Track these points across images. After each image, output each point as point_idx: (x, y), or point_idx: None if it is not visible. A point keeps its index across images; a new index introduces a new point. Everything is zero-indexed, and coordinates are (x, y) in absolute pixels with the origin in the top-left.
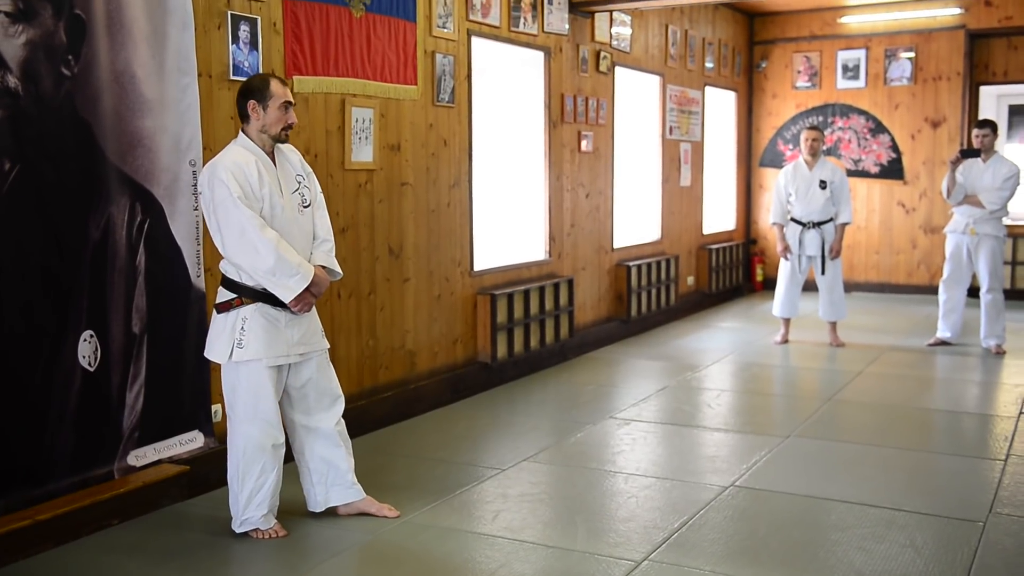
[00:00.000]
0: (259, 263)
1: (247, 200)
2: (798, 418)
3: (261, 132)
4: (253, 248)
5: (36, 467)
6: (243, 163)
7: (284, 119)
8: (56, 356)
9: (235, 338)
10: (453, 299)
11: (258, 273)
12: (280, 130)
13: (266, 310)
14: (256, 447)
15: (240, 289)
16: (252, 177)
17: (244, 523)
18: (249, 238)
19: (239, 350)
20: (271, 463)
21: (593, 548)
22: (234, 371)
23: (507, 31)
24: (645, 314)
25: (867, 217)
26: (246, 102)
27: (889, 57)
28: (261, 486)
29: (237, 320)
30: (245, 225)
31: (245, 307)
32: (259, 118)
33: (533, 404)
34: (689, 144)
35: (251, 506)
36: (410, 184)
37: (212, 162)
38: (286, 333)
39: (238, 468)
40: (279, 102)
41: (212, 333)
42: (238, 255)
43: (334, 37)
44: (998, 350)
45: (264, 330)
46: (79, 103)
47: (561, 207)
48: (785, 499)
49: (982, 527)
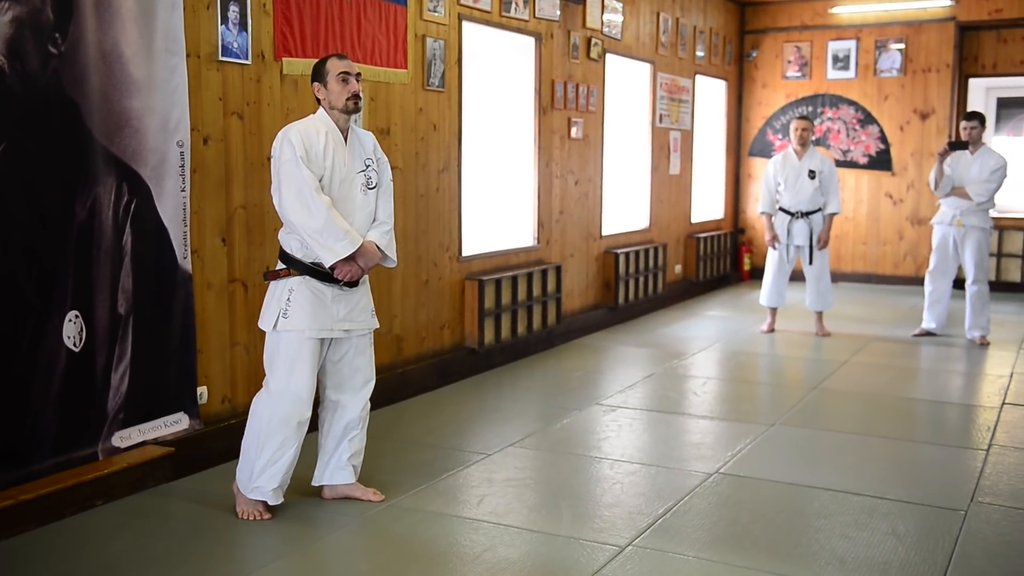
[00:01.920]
0: (309, 222)
1: (309, 163)
2: (783, 406)
3: (331, 109)
4: (306, 207)
5: (20, 447)
6: (313, 131)
7: (345, 90)
8: (41, 336)
9: (281, 308)
10: (441, 284)
11: (307, 232)
12: (345, 100)
13: (313, 284)
14: (281, 420)
15: (291, 262)
16: (319, 145)
17: (255, 490)
18: (304, 197)
19: (283, 320)
20: (292, 439)
21: (578, 533)
22: (276, 340)
23: (498, 16)
24: (632, 302)
25: (855, 208)
26: (313, 86)
27: (879, 48)
28: (277, 459)
29: (284, 290)
30: (302, 184)
31: (292, 278)
32: (324, 96)
33: (520, 390)
34: (679, 132)
35: (264, 475)
36: (399, 168)
37: (286, 127)
38: (332, 308)
39: (258, 435)
40: (335, 74)
41: (265, 302)
42: (291, 210)
43: (324, 19)
44: (982, 341)
45: (309, 302)
46: (66, 82)
47: (550, 194)
48: (769, 486)
49: (963, 516)
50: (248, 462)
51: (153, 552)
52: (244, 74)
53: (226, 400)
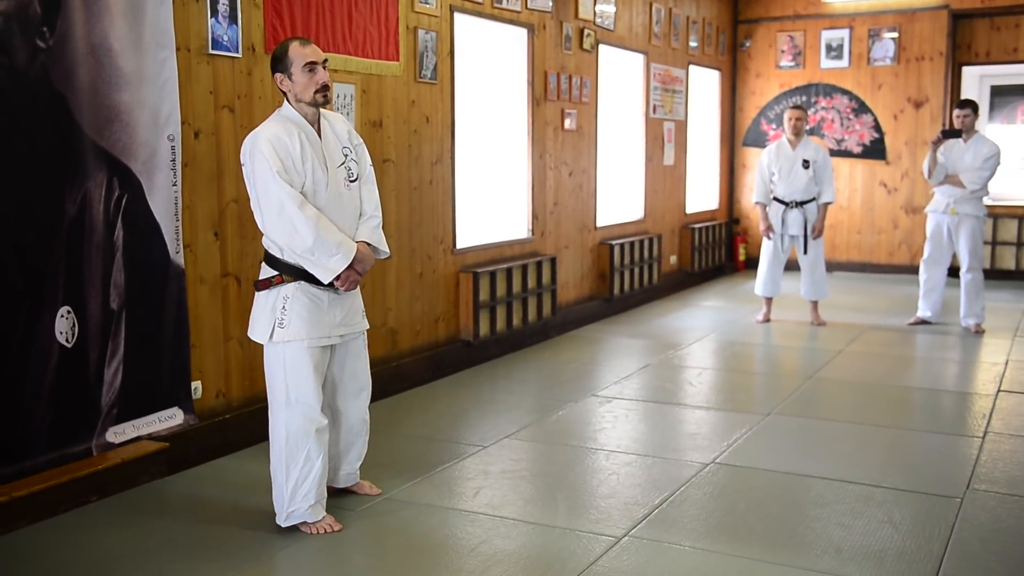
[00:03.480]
0: (297, 242)
1: (287, 175)
2: (779, 396)
3: (297, 101)
4: (292, 226)
5: (13, 444)
6: (285, 135)
7: (312, 81)
8: (32, 332)
9: (276, 318)
10: (435, 277)
11: (296, 252)
12: (313, 93)
13: (308, 289)
14: (299, 433)
15: (281, 266)
16: (294, 151)
17: (291, 516)
18: (288, 215)
19: (280, 330)
20: (316, 449)
21: (574, 524)
22: (275, 352)
23: (490, 7)
24: (628, 293)
25: (849, 197)
26: (274, 76)
27: (873, 37)
28: (307, 475)
29: (278, 299)
30: (284, 201)
31: (286, 285)
32: (289, 88)
33: (515, 382)
34: (673, 123)
35: (297, 497)
36: (392, 161)
37: (254, 133)
38: (329, 314)
39: (281, 457)
40: (301, 64)
41: (254, 312)
42: (276, 232)
43: (315, 11)
44: (977, 329)
45: (307, 310)
46: (54, 76)
47: (544, 185)
48: (765, 476)
49: (959, 503)
50: (279, 488)
51: (147, 548)
52: (235, 67)
53: (220, 395)
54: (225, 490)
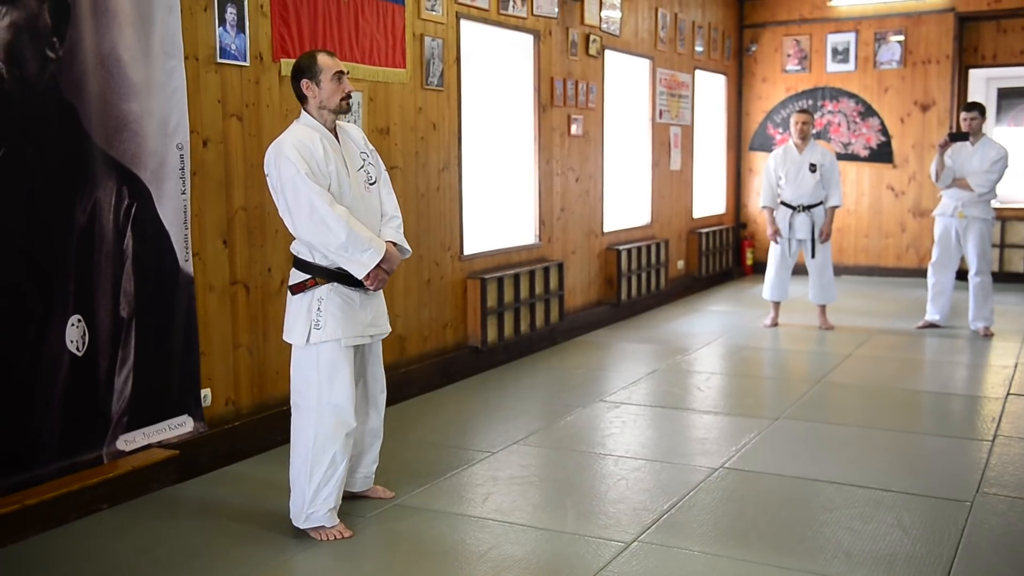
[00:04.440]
0: (331, 239)
1: (314, 177)
2: (787, 400)
3: (320, 109)
4: (324, 224)
5: (24, 452)
6: (308, 140)
7: (340, 89)
8: (43, 341)
9: (312, 319)
10: (443, 283)
11: (330, 250)
12: (339, 101)
13: (341, 290)
14: (328, 435)
15: (313, 269)
16: (318, 154)
17: (309, 518)
18: (320, 214)
19: (316, 331)
20: (341, 454)
21: (583, 530)
22: (311, 354)
23: (496, 14)
24: (635, 298)
25: (856, 200)
26: (299, 82)
27: (879, 40)
28: (329, 478)
29: (313, 301)
30: (315, 201)
31: (320, 287)
32: (315, 95)
33: (523, 388)
34: (679, 128)
35: (318, 499)
36: (399, 168)
37: (276, 142)
38: (362, 313)
39: (306, 458)
40: (330, 74)
41: (289, 316)
42: (309, 232)
43: (322, 19)
44: (986, 332)
45: (340, 310)
46: (64, 86)
47: (551, 191)
48: (774, 480)
49: (969, 507)
50: (299, 491)
51: (158, 555)
52: (243, 76)
53: (230, 402)
54: (235, 497)
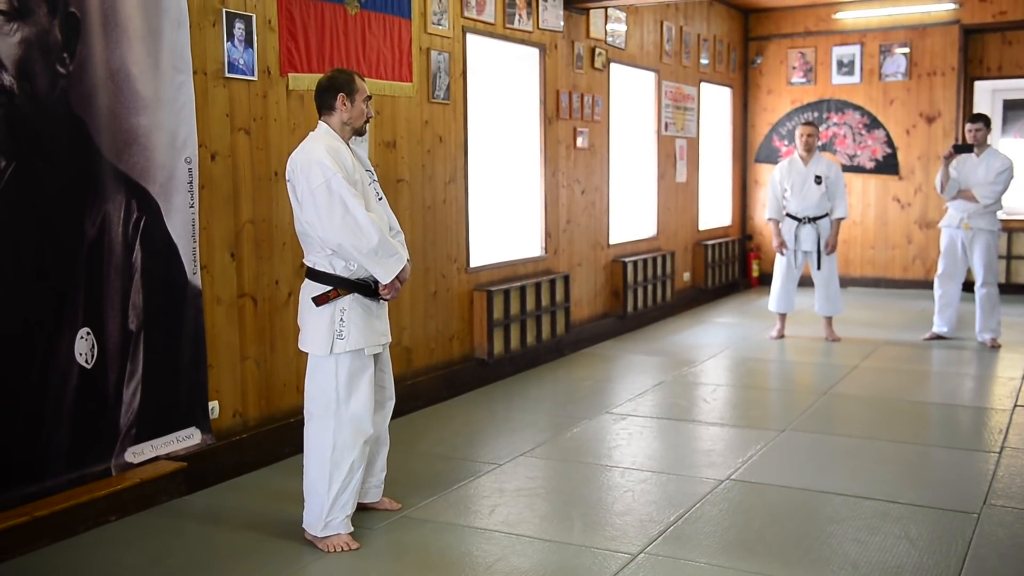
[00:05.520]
0: (364, 241)
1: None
2: (794, 412)
3: (344, 124)
4: (358, 226)
5: (33, 464)
6: (335, 149)
7: (366, 112)
8: (53, 353)
9: (335, 330)
10: (449, 296)
11: (362, 252)
12: (363, 123)
13: (362, 300)
14: (347, 444)
15: (334, 281)
16: (347, 164)
17: (328, 525)
18: (354, 216)
19: (340, 341)
20: (359, 460)
21: (590, 541)
22: (330, 364)
23: (502, 28)
24: (641, 310)
25: (862, 212)
26: (335, 95)
27: (884, 52)
28: (347, 485)
29: (336, 312)
30: (349, 203)
31: (343, 298)
32: (347, 111)
33: (530, 400)
34: (684, 140)
35: (336, 507)
36: (406, 181)
37: (304, 149)
38: (378, 321)
39: (325, 467)
40: (363, 96)
41: (309, 327)
42: (342, 234)
43: (329, 34)
44: (993, 344)
45: (362, 319)
46: (74, 101)
47: (557, 203)
48: (781, 492)
49: (976, 518)
50: (318, 499)
51: (166, 568)
52: (250, 90)
53: (238, 414)
54: (243, 509)
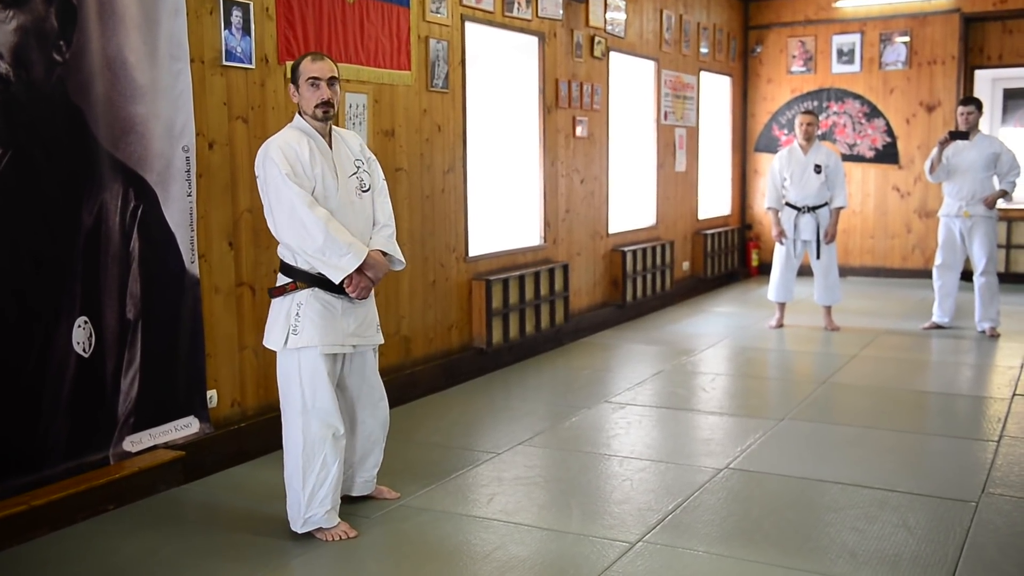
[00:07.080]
0: (308, 242)
1: (297, 178)
2: (792, 401)
3: (303, 113)
4: (302, 226)
5: (31, 453)
6: (295, 142)
7: (314, 96)
8: (50, 342)
9: (290, 324)
10: (448, 285)
11: (308, 252)
12: (313, 107)
13: (321, 295)
14: (316, 439)
15: (296, 273)
16: (303, 156)
17: (307, 522)
18: (298, 216)
19: (294, 336)
20: (332, 455)
21: (588, 530)
22: (290, 359)
23: (501, 16)
24: (640, 299)
25: (862, 201)
26: (289, 89)
27: (884, 41)
28: (323, 481)
29: (292, 306)
30: (295, 202)
31: (300, 292)
32: (298, 100)
33: (528, 389)
34: (684, 129)
35: (314, 503)
36: (404, 170)
37: (265, 143)
38: (342, 322)
39: (297, 464)
40: (305, 78)
41: (269, 320)
42: (288, 233)
43: (327, 22)
44: (992, 333)
45: (319, 316)
46: (71, 89)
47: (556, 192)
48: (779, 481)
49: (975, 507)
50: (295, 495)
51: (165, 556)
52: (248, 78)
53: (236, 403)
54: (241, 498)
